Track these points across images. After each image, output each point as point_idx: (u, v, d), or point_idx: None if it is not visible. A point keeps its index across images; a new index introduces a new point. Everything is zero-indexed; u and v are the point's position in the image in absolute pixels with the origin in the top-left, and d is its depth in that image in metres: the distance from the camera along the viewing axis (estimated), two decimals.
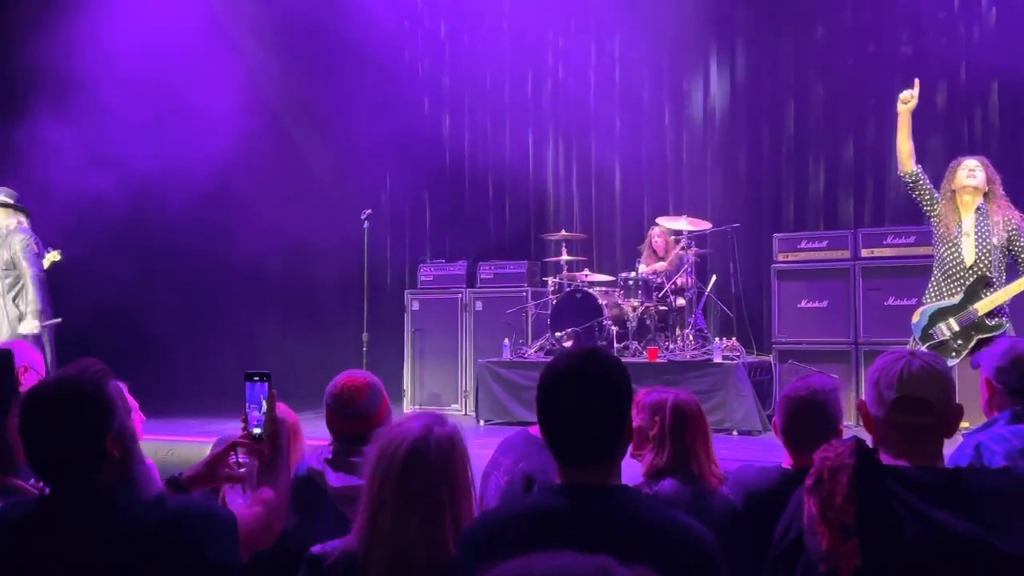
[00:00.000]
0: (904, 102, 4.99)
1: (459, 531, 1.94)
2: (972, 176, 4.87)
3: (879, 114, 8.76)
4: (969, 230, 4.86)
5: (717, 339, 7.60)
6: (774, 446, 3.67)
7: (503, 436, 3.12)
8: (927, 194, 4.98)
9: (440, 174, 10.87)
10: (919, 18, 8.56)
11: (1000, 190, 4.90)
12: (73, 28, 8.16)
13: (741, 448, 6.33)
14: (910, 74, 8.09)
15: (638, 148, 9.88)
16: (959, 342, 4.84)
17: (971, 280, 4.82)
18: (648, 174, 9.87)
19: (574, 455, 1.82)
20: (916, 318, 5.01)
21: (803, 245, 7.67)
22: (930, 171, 5.11)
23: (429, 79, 10.97)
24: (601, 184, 10.16)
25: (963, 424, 2.23)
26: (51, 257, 6.52)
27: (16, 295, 6.41)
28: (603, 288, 8.25)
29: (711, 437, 2.82)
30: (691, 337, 7.69)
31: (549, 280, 8.67)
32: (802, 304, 7.51)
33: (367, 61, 10.32)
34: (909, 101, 4.98)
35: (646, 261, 8.31)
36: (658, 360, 7.32)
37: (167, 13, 8.69)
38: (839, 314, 7.35)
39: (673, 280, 7.81)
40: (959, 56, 8.47)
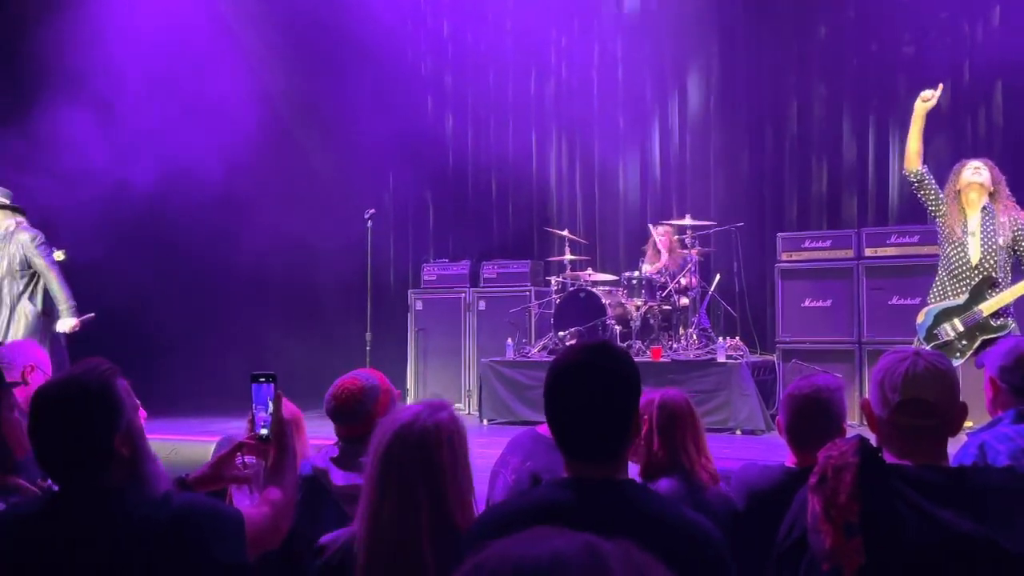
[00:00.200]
0: (924, 100, 4.94)
1: (445, 521, 1.90)
2: (978, 173, 4.84)
3: (882, 113, 8.76)
4: (975, 230, 4.84)
5: (721, 338, 7.60)
6: (777, 445, 3.67)
7: (507, 435, 3.13)
8: (932, 194, 4.96)
9: (443, 173, 10.87)
10: (922, 17, 8.54)
11: (1005, 190, 4.87)
12: (74, 28, 8.16)
13: (744, 447, 6.34)
14: (913, 74, 8.17)
15: (641, 147, 9.89)
16: (963, 342, 4.83)
17: (976, 280, 4.81)
18: (651, 173, 9.87)
19: (581, 449, 1.81)
20: (921, 318, 5.00)
21: (807, 244, 7.67)
22: (933, 172, 5.09)
23: (432, 78, 10.98)
24: (604, 183, 10.15)
25: (967, 423, 2.22)
26: (56, 256, 6.49)
27: (32, 293, 6.35)
28: (606, 287, 8.25)
29: (703, 433, 2.80)
30: (695, 336, 7.69)
31: (552, 279, 8.68)
32: (806, 303, 7.50)
33: (370, 61, 10.32)
34: (929, 100, 4.93)
35: (650, 260, 8.31)
36: (662, 360, 7.32)
37: (171, 16, 8.69)
38: (843, 313, 7.35)
39: (677, 279, 7.81)
40: (962, 56, 8.46)
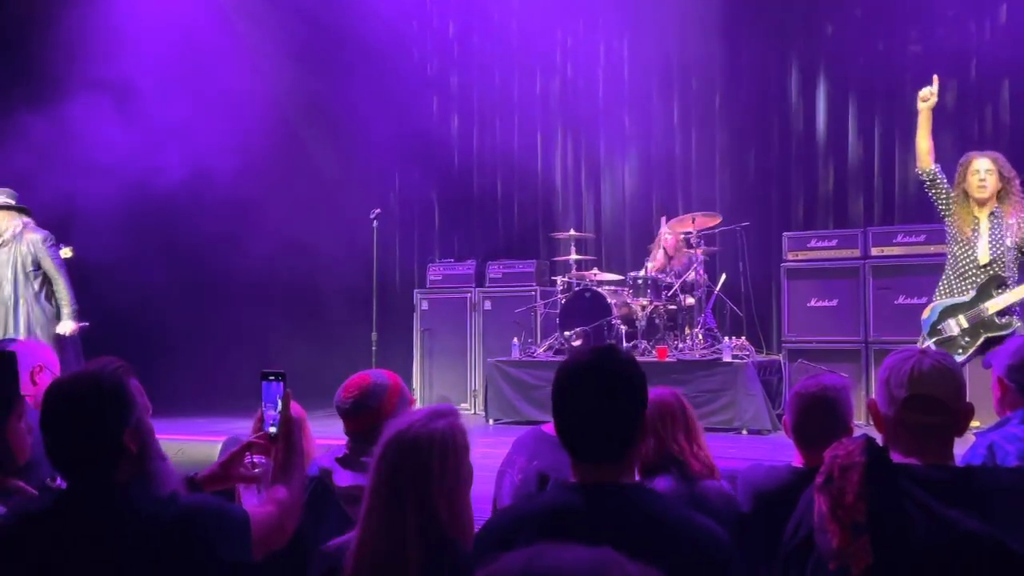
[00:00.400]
0: (924, 99, 4.93)
1: (434, 529, 1.86)
2: (983, 188, 4.80)
3: (889, 112, 8.73)
4: (984, 231, 4.82)
5: (726, 338, 7.58)
6: (784, 445, 3.66)
7: (512, 435, 3.12)
8: (943, 193, 4.93)
9: (449, 173, 10.87)
10: (928, 15, 8.52)
11: (1015, 187, 4.82)
12: (75, 30, 8.18)
13: (751, 447, 6.33)
14: (920, 71, 8.12)
15: (647, 147, 9.87)
16: (967, 339, 4.82)
17: (984, 279, 4.80)
18: (657, 173, 9.86)
19: (589, 452, 1.81)
20: (926, 313, 4.99)
21: (813, 244, 7.65)
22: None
23: (438, 78, 10.98)
24: (610, 183, 10.15)
25: (974, 423, 2.22)
26: (63, 254, 6.51)
27: (48, 294, 6.34)
28: (612, 287, 8.24)
29: (696, 425, 2.78)
30: (700, 336, 7.68)
31: (558, 279, 8.67)
32: (812, 303, 7.49)
33: (376, 61, 10.33)
34: (929, 98, 4.92)
35: (655, 260, 8.29)
36: (667, 359, 7.31)
37: (177, 18, 8.70)
38: (849, 313, 7.33)
39: (682, 279, 7.80)
40: (969, 53, 8.43)
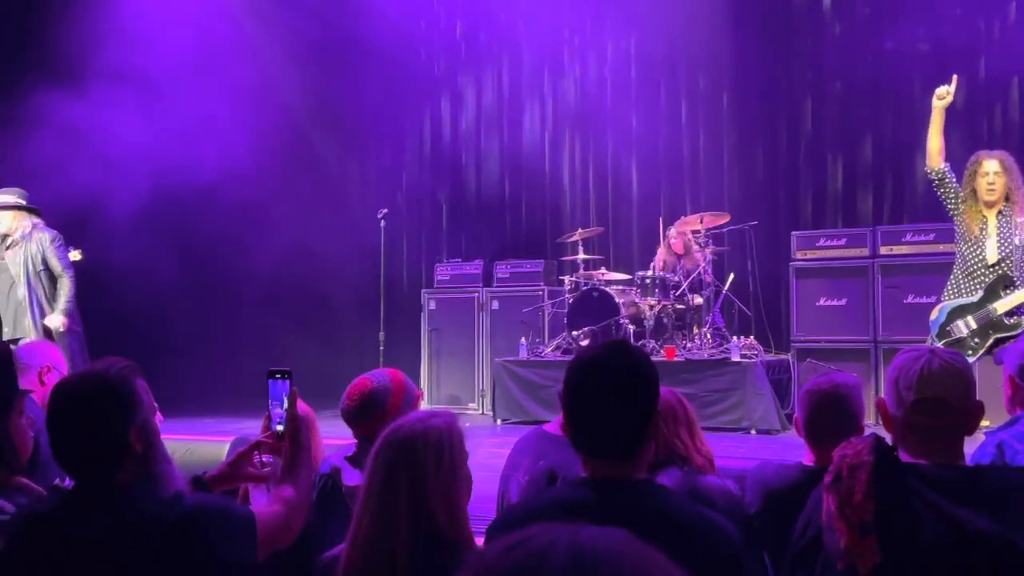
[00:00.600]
0: (940, 98, 4.87)
1: (427, 525, 1.84)
2: (991, 191, 4.77)
3: (897, 110, 8.71)
4: (992, 231, 4.81)
5: (735, 338, 7.57)
6: (793, 445, 3.66)
7: (519, 435, 3.11)
8: (952, 192, 4.91)
9: (456, 173, 10.88)
10: (937, 14, 8.48)
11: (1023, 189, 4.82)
12: (78, 30, 8.21)
13: (760, 447, 6.32)
14: (928, 70, 8.11)
15: (655, 146, 9.86)
16: (976, 340, 4.80)
17: (992, 279, 4.78)
18: (665, 172, 9.85)
19: (600, 447, 1.80)
20: (934, 315, 4.97)
21: (821, 243, 7.63)
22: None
23: (445, 78, 10.99)
24: (618, 183, 10.13)
25: (984, 422, 2.20)
26: (72, 256, 6.52)
27: (56, 293, 6.36)
28: (620, 287, 8.23)
29: (696, 423, 2.77)
30: (709, 336, 7.67)
31: (566, 279, 8.67)
32: (821, 302, 7.47)
33: (383, 61, 10.34)
34: (945, 97, 4.87)
35: (661, 260, 8.29)
36: (676, 359, 7.30)
37: (186, 20, 8.72)
38: (858, 312, 7.30)
39: (691, 278, 7.79)
40: (978, 52, 8.40)
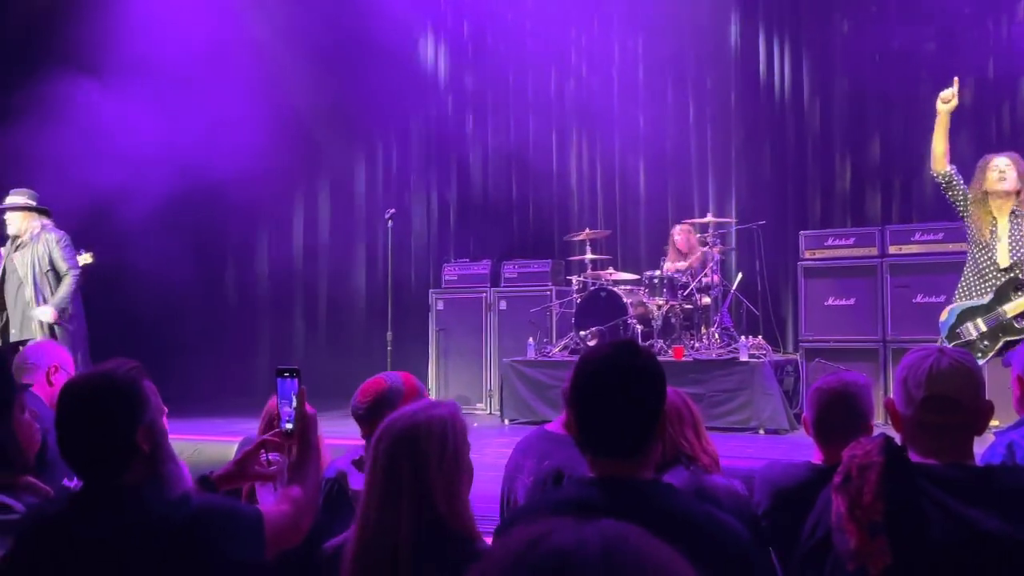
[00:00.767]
0: (945, 102, 4.85)
1: (429, 512, 1.86)
2: (1003, 180, 4.72)
3: (905, 110, 8.69)
4: (1003, 233, 4.77)
5: (743, 337, 7.55)
6: (801, 445, 3.65)
7: (526, 435, 3.10)
8: (960, 194, 4.88)
9: (464, 173, 10.89)
10: (945, 14, 8.46)
11: None
12: (81, 30, 8.23)
13: (768, 447, 6.31)
14: (936, 70, 8.08)
15: (662, 146, 9.85)
16: (986, 343, 4.77)
17: (1003, 281, 4.76)
18: (672, 172, 9.84)
19: (608, 447, 1.80)
20: (944, 316, 4.95)
21: (830, 242, 7.61)
22: (958, 171, 5.02)
23: (452, 79, 11.00)
24: (625, 182, 10.13)
25: (994, 422, 2.20)
26: (83, 259, 6.53)
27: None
28: (628, 287, 8.22)
29: (701, 423, 2.77)
30: (717, 336, 7.66)
31: (573, 279, 8.66)
32: (829, 302, 7.45)
33: (390, 61, 10.35)
34: (950, 100, 4.84)
35: (670, 260, 8.28)
36: (684, 359, 7.30)
37: (190, 21, 8.74)
38: (867, 312, 7.28)
39: (698, 278, 7.78)
40: (986, 52, 8.37)
